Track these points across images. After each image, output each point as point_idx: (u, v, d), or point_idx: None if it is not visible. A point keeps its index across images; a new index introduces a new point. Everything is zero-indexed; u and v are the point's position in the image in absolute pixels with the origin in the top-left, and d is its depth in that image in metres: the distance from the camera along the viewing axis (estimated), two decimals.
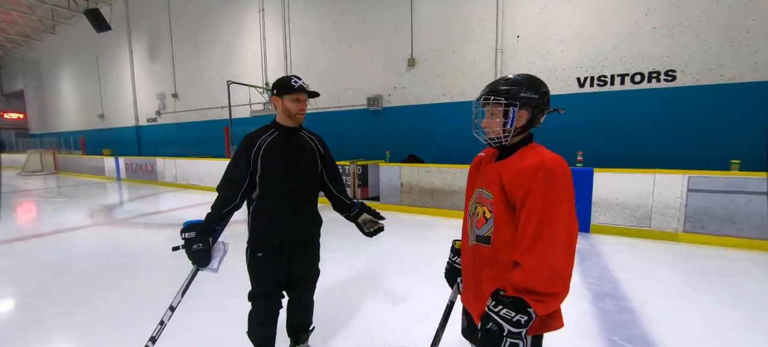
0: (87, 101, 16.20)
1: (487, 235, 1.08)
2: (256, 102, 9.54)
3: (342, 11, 8.11)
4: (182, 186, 9.61)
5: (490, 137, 1.09)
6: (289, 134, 1.61)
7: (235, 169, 1.55)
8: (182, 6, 11.29)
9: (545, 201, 0.94)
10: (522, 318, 0.91)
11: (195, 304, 2.42)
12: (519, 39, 6.19)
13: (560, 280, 0.93)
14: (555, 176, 0.95)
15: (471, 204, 1.20)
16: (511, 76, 1.08)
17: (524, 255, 0.94)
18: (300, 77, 1.59)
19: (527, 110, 1.05)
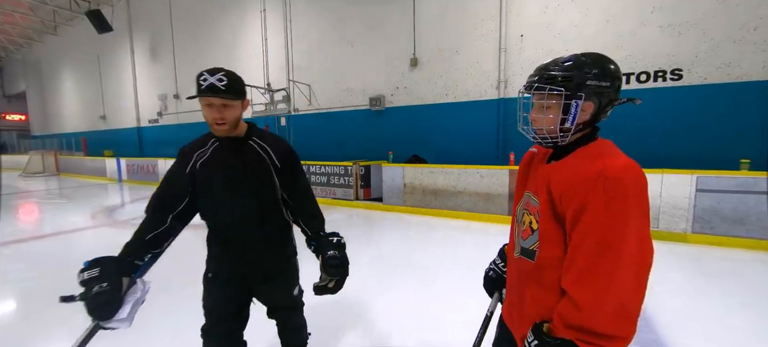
0: (88, 102, 16.20)
1: (532, 249, 0.91)
2: (257, 103, 9.51)
3: (344, 11, 8.08)
4: None
5: (542, 136, 0.88)
6: (231, 145, 1.27)
7: (168, 187, 1.27)
8: (184, 7, 11.28)
9: (607, 219, 0.74)
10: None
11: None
12: (522, 38, 6.13)
13: (626, 320, 0.73)
14: (623, 187, 0.74)
15: (518, 210, 1.03)
16: (567, 57, 0.86)
17: (576, 286, 0.76)
18: (220, 70, 1.18)
19: (594, 102, 0.83)
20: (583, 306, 0.74)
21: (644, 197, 0.76)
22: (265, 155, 1.30)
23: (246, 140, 1.30)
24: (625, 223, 0.73)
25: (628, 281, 0.73)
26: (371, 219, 5.59)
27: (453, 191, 5.51)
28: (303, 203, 1.37)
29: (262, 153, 1.30)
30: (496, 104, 6.41)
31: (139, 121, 13.70)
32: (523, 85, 0.90)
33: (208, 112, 1.19)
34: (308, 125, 8.98)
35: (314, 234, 1.33)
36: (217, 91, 1.15)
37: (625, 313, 0.73)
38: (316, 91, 8.77)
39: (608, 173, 0.75)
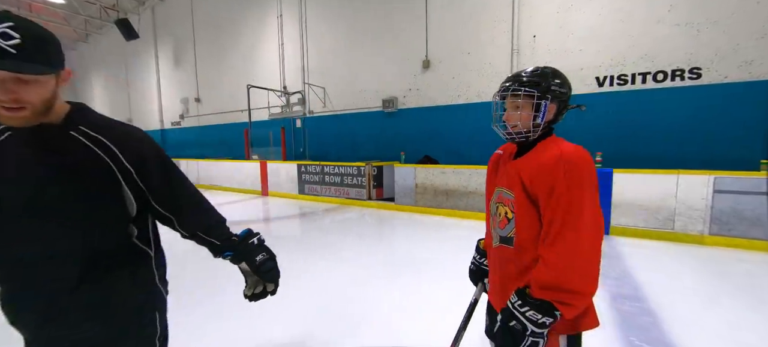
0: (116, 106, 17.03)
1: (510, 236, 1.05)
2: (274, 105, 9.80)
3: (357, 15, 8.25)
4: (205, 187, 9.95)
5: (517, 131, 1.02)
6: (35, 138, 0.76)
7: None
8: (205, 14, 11.74)
9: (568, 195, 0.90)
10: (547, 320, 0.88)
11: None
12: (535, 39, 6.12)
13: (586, 277, 0.88)
14: (577, 168, 0.91)
15: (492, 204, 1.16)
16: (535, 68, 1.04)
17: (548, 250, 0.91)
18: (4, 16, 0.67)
19: (556, 104, 1.01)
20: (553, 266, 0.89)
21: (593, 172, 0.93)
22: (102, 154, 0.80)
23: (65, 131, 0.78)
24: (582, 196, 0.89)
25: (587, 242, 0.89)
26: (383, 219, 5.70)
27: (464, 191, 5.55)
28: (195, 211, 0.97)
29: (96, 150, 0.79)
30: None
31: (163, 123, 14.30)
32: (498, 92, 1.06)
33: None
34: (323, 126, 9.19)
35: (225, 243, 0.99)
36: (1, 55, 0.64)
37: (588, 270, 0.89)
38: (331, 93, 8.97)
39: (565, 156, 0.93)
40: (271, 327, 2.32)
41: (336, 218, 5.78)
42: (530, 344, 0.90)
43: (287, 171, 7.97)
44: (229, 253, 1.00)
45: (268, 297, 1.07)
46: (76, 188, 0.78)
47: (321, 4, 8.89)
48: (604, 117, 5.50)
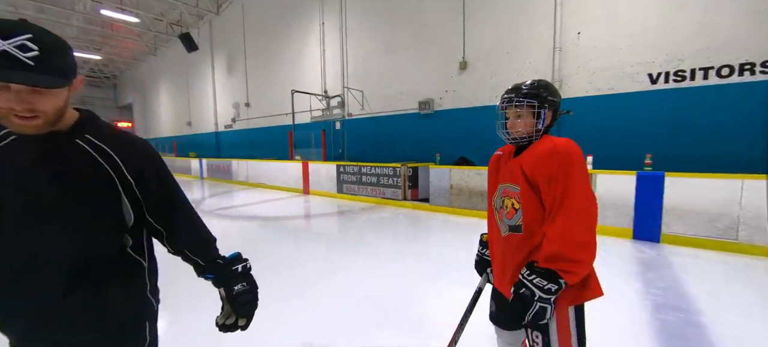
0: (178, 111, 18.92)
1: (519, 223, 1.19)
2: (315, 108, 10.32)
3: (395, 20, 8.43)
4: (253, 185, 10.74)
5: (521, 136, 1.19)
6: (40, 145, 0.76)
7: None
8: (255, 26, 12.67)
9: (564, 179, 1.06)
10: (552, 287, 1.02)
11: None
12: (580, 36, 5.85)
13: (583, 247, 1.03)
14: (569, 156, 1.08)
15: (496, 199, 1.30)
16: (531, 82, 1.20)
17: (549, 227, 1.07)
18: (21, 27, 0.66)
19: (551, 112, 1.20)
20: (556, 239, 1.04)
21: (583, 161, 1.09)
22: (104, 163, 0.81)
23: (71, 138, 0.80)
24: (574, 180, 1.06)
25: (581, 220, 1.04)
26: (418, 219, 5.79)
27: None
28: (187, 226, 0.98)
29: (99, 159, 0.81)
30: None
31: (217, 126, 15.62)
32: (502, 103, 1.22)
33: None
34: (361, 128, 9.50)
35: (209, 265, 0.99)
36: (15, 68, 0.65)
37: (584, 241, 1.04)
38: (369, 96, 9.24)
39: (558, 148, 1.09)
40: (304, 321, 2.54)
41: (371, 216, 5.99)
42: (538, 309, 1.02)
43: (327, 171, 8.36)
44: (211, 276, 0.99)
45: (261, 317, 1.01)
46: (77, 195, 0.78)
47: (361, 11, 9.20)
48: (658, 116, 5.12)
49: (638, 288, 2.88)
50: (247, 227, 5.46)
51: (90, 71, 23.79)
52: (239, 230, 5.29)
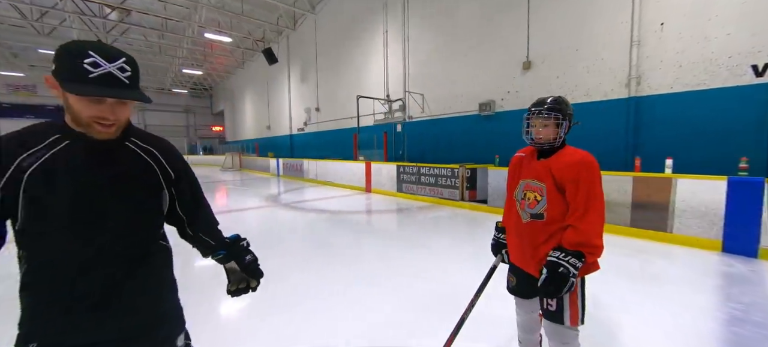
0: (259, 116, 21.42)
1: (541, 212, 1.45)
2: (378, 112, 10.91)
3: (456, 24, 8.54)
4: (321, 182, 11.77)
5: (548, 141, 1.45)
6: (97, 147, 0.85)
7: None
8: (326, 39, 13.84)
9: (589, 185, 1.36)
10: (579, 263, 1.30)
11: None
12: (663, 27, 5.33)
13: (600, 237, 1.35)
14: (593, 167, 1.38)
15: (518, 192, 1.56)
16: (553, 98, 1.48)
17: (579, 221, 1.34)
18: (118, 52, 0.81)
19: (569, 123, 1.47)
20: (583, 230, 1.33)
21: (599, 170, 1.39)
22: (152, 162, 0.95)
23: (122, 141, 0.91)
24: (597, 186, 1.37)
25: (602, 218, 1.36)
26: (475, 219, 5.86)
27: None
28: (207, 215, 1.14)
29: (147, 159, 0.94)
30: (625, 104, 5.73)
31: (291, 129, 17.34)
32: (531, 113, 1.46)
33: (83, 108, 0.79)
34: (421, 130, 9.78)
35: (219, 244, 1.13)
36: (117, 86, 0.79)
37: (600, 233, 1.35)
38: (429, 99, 9.49)
39: (585, 160, 1.39)
40: (361, 313, 2.88)
41: (429, 215, 6.23)
42: (571, 282, 1.30)
43: (388, 171, 8.83)
44: (222, 252, 1.12)
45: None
46: (133, 190, 0.89)
47: (422, 18, 9.51)
48: (757, 115, 4.44)
49: (714, 301, 2.66)
50: (316, 219, 6.16)
51: (193, 84, 28.23)
52: (309, 221, 6.01)
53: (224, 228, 1.18)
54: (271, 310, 2.60)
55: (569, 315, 1.40)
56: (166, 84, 26.27)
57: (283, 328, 2.35)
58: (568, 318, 1.40)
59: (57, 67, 0.77)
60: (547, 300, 1.42)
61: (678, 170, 4.57)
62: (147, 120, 28.41)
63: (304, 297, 2.84)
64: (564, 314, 1.40)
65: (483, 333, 2.19)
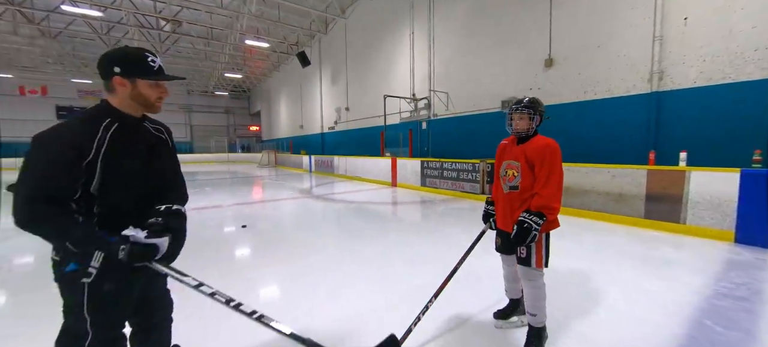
0: (293, 116, 22.62)
1: (516, 185, 1.91)
2: (404, 110, 11.37)
3: (480, 23, 8.80)
4: (350, 177, 12.45)
5: (523, 130, 1.91)
6: (134, 125, 1.23)
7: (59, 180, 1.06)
8: (355, 41, 14.51)
9: (551, 163, 1.80)
10: (541, 220, 1.75)
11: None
12: (687, 22, 5.34)
13: (557, 201, 1.79)
14: (555, 150, 1.82)
15: (502, 170, 2.02)
16: (529, 98, 1.93)
17: (542, 189, 1.79)
18: (155, 55, 1.22)
19: (540, 117, 1.92)
20: (544, 196, 1.77)
21: (560, 154, 1.81)
22: (164, 136, 1.39)
23: (141, 123, 1.29)
24: (556, 164, 1.80)
25: (560, 188, 1.80)
26: None
27: (579, 189, 5.45)
28: (182, 180, 1.47)
29: (159, 135, 1.36)
30: (647, 99, 5.77)
31: (322, 128, 18.24)
32: (512, 109, 1.89)
33: (152, 91, 1.21)
34: (445, 127, 10.12)
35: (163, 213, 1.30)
36: (167, 76, 1.24)
37: (557, 197, 1.78)
38: (453, 97, 9.80)
39: (549, 145, 1.83)
40: (379, 296, 3.39)
41: (449, 206, 6.62)
42: (534, 234, 1.74)
43: (412, 166, 9.27)
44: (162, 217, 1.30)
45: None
46: (160, 154, 1.34)
47: (447, 18, 9.84)
48: None
49: (706, 281, 2.88)
50: (344, 208, 6.76)
51: (233, 87, 30.22)
52: (336, 211, 6.62)
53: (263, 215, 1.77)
54: (305, 274, 3.19)
55: (535, 260, 1.85)
56: (209, 87, 28.40)
57: (314, 288, 2.92)
58: (534, 262, 1.85)
59: (125, 69, 1.15)
60: (520, 248, 1.85)
61: (701, 164, 4.60)
62: (192, 121, 30.85)
63: (329, 267, 3.42)
64: (531, 259, 1.85)
65: (480, 286, 2.61)
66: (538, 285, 1.87)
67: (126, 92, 1.18)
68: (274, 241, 4.49)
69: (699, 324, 2.18)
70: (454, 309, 2.38)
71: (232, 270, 3.41)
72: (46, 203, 1.03)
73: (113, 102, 1.19)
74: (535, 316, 1.89)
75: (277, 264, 3.51)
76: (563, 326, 2.16)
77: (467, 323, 2.24)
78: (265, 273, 3.29)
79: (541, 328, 1.91)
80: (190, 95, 30.23)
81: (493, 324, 2.20)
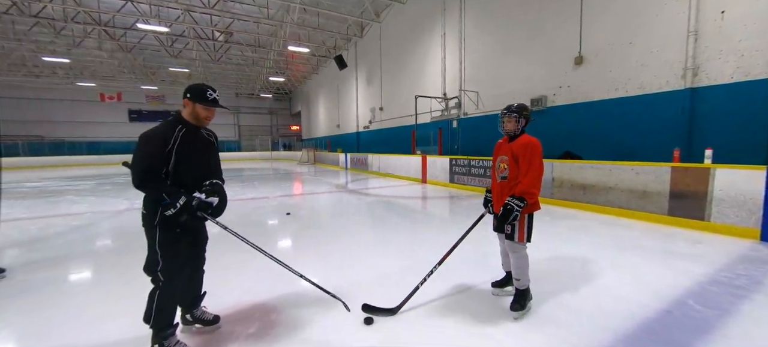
0: (330, 116, 23.76)
1: (505, 175, 2.33)
2: (435, 109, 11.72)
3: (510, 22, 8.92)
4: (383, 174, 13.05)
5: (512, 131, 2.34)
6: (196, 131, 1.90)
7: (155, 161, 1.74)
8: (390, 44, 15.06)
9: (531, 157, 2.20)
10: (522, 203, 2.15)
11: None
12: (724, 15, 5.20)
13: (536, 188, 2.18)
14: (535, 146, 2.23)
15: (498, 163, 2.43)
16: (518, 104, 2.35)
17: (523, 178, 2.20)
18: (214, 90, 1.88)
19: (525, 120, 2.32)
20: (525, 183, 2.19)
21: (540, 150, 2.23)
22: (212, 139, 2.05)
23: (199, 130, 1.94)
24: (535, 159, 2.21)
25: (538, 178, 2.21)
26: None
27: (603, 186, 5.52)
28: (221, 170, 2.11)
29: (209, 137, 2.03)
30: (681, 95, 5.67)
31: (358, 127, 19.05)
32: (503, 114, 2.30)
33: (206, 113, 1.88)
34: (475, 126, 10.34)
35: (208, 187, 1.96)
36: (218, 104, 1.90)
37: (536, 185, 2.20)
38: (483, 96, 10.00)
39: (530, 142, 2.27)
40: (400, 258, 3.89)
41: (475, 202, 6.93)
42: (515, 214, 2.14)
43: (441, 164, 9.64)
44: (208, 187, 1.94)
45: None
46: (209, 152, 2.00)
47: (478, 19, 10.04)
48: None
49: (708, 271, 3.03)
50: (376, 201, 7.34)
51: (276, 89, 32.25)
52: (368, 203, 7.21)
53: (304, 205, 2.39)
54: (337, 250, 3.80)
55: (517, 235, 2.27)
56: (255, 90, 30.60)
57: (347, 257, 3.50)
58: (517, 237, 2.27)
59: (192, 95, 1.84)
60: (506, 226, 2.27)
61: (740, 162, 4.48)
62: (240, 121, 33.40)
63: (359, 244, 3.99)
64: (514, 235, 2.27)
65: (487, 264, 3.03)
66: (521, 256, 2.29)
67: (188, 110, 1.87)
68: (313, 226, 5.18)
69: (681, 303, 2.43)
70: (461, 279, 2.84)
71: (279, 244, 4.12)
72: (149, 172, 1.72)
73: (183, 114, 1.89)
74: (520, 280, 2.31)
75: (315, 242, 4.17)
76: (552, 295, 2.53)
77: (469, 291, 2.68)
78: (304, 243, 3.95)
79: (524, 290, 2.31)
80: (238, 97, 32.73)
81: (491, 292, 2.63)
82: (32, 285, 2.94)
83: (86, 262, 3.66)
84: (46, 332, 2.20)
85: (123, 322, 2.21)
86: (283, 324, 2.22)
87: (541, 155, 2.22)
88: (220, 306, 2.40)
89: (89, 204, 7.32)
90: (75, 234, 4.72)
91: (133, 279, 2.65)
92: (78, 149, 25.38)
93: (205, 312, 2.22)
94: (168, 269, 1.82)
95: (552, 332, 2.09)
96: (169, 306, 1.86)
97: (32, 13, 13.52)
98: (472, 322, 2.22)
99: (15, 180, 13.12)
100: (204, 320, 2.18)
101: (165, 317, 1.85)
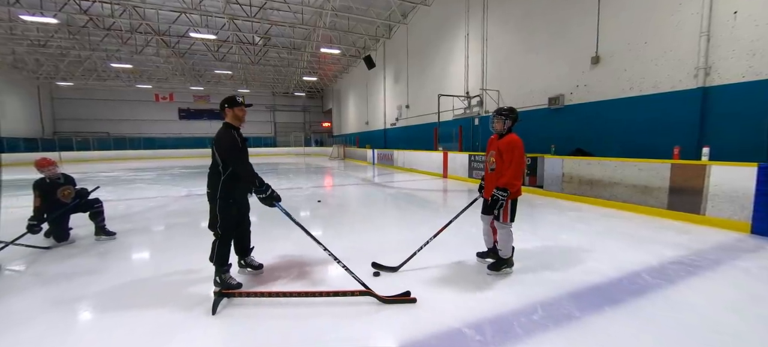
0: (359, 114, 24.71)
1: (493, 168, 2.94)
2: (457, 108, 12.17)
3: (531, 23, 9.20)
4: (407, 169, 13.73)
5: (499, 130, 2.92)
6: (239, 131, 2.63)
7: (244, 156, 2.60)
8: (416, 43, 15.62)
9: (512, 153, 2.79)
10: (505, 193, 2.77)
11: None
12: (736, 16, 5.31)
13: (518, 180, 2.80)
14: (517, 143, 2.82)
15: (488, 157, 3.03)
16: (507, 107, 2.92)
17: (506, 171, 2.82)
18: (242, 96, 2.62)
19: (511, 121, 2.89)
20: (507, 175, 2.83)
21: (522, 147, 2.84)
22: (244, 138, 2.65)
23: (239, 130, 2.64)
24: (516, 154, 2.82)
25: (519, 171, 2.84)
26: (532, 202, 6.81)
27: (608, 182, 5.84)
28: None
29: (240, 137, 2.61)
30: (693, 94, 5.82)
31: (385, 124, 19.81)
32: (493, 115, 2.93)
33: (242, 113, 2.62)
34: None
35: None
36: (248, 105, 2.68)
37: (518, 177, 2.83)
38: (504, 94, 10.33)
39: (513, 140, 2.89)
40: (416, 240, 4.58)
41: None
42: (501, 203, 2.77)
43: (461, 159, 10.14)
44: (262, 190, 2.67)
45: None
46: (246, 149, 2.71)
47: (500, 20, 10.36)
48: None
49: (683, 254, 3.43)
50: (398, 193, 8.05)
51: (309, 88, 33.81)
52: (392, 196, 7.94)
53: (333, 195, 3.21)
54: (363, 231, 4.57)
55: (502, 217, 2.87)
56: (290, 89, 32.34)
57: (365, 240, 4.26)
58: (502, 218, 2.87)
59: (229, 104, 2.62)
60: (495, 211, 2.87)
61: (748, 160, 4.61)
62: (276, 119, 35.42)
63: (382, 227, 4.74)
64: (500, 217, 2.87)
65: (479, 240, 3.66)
66: (506, 232, 2.90)
67: (231, 115, 2.61)
68: (341, 213, 6.02)
69: (635, 275, 2.92)
70: (453, 252, 3.50)
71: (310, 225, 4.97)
72: (246, 165, 2.59)
73: (228, 120, 2.63)
74: (502, 250, 2.94)
75: (341, 222, 4.99)
76: (529, 269, 3.11)
77: (458, 262, 3.33)
78: (333, 223, 4.77)
79: (505, 259, 2.93)
80: (275, 96, 34.72)
81: (476, 261, 3.27)
82: (134, 243, 4.02)
83: (167, 229, 4.76)
84: (155, 265, 3.20)
85: (198, 258, 3.14)
86: (309, 277, 3.03)
87: (523, 151, 2.80)
88: (266, 259, 3.27)
89: (157, 190, 8.72)
90: (154, 212, 5.91)
91: (201, 238, 3.60)
92: (137, 145, 28.43)
93: (253, 260, 3.09)
94: (223, 226, 2.61)
95: (519, 291, 2.70)
96: (224, 251, 2.64)
97: (105, 26, 15.63)
98: (456, 279, 2.89)
99: (94, 170, 15.36)
100: (252, 265, 3.07)
101: (221, 258, 2.63)
